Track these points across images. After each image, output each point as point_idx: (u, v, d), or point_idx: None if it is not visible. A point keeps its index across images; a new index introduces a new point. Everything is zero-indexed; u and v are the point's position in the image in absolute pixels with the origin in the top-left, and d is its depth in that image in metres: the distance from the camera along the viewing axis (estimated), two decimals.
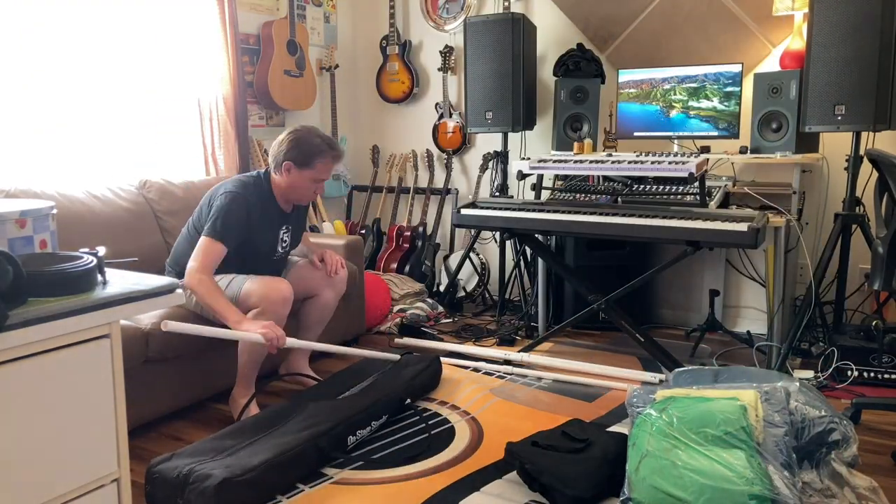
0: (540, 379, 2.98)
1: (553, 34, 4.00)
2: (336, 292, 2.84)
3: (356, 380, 2.63)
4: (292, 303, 2.55)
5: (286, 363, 2.91)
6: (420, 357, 2.88)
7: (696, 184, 2.92)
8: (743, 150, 3.29)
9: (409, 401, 2.60)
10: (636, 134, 3.57)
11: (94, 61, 3.12)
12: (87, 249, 1.45)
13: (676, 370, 2.39)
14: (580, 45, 3.79)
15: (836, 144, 3.32)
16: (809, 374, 2.89)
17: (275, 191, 2.62)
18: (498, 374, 3.04)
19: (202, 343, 2.59)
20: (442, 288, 4.16)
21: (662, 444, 1.85)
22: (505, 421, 2.54)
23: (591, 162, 2.97)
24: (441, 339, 3.51)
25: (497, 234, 4.23)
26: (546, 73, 4.02)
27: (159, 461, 1.99)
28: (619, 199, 3.09)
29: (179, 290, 1.49)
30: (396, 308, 3.82)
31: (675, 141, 3.50)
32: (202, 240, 2.45)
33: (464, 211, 3.14)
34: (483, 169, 4.20)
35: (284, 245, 2.72)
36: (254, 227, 2.54)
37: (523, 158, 3.12)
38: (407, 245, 4.36)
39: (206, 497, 1.86)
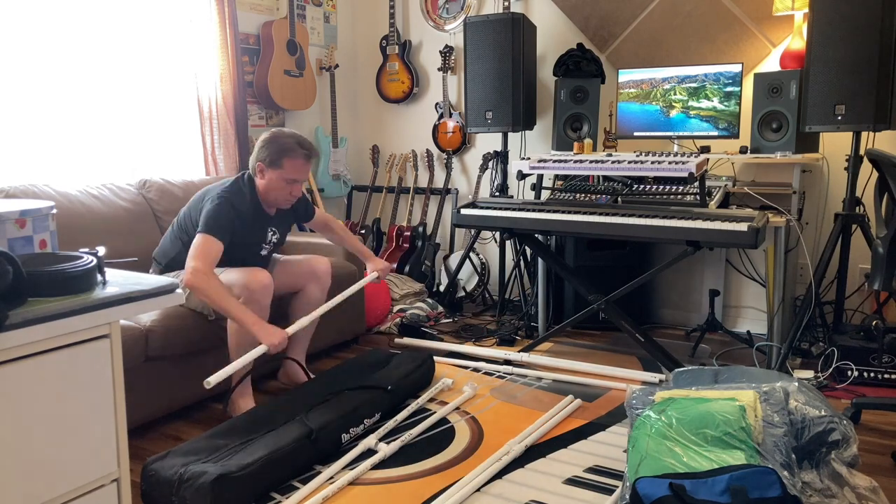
0: (540, 379, 2.98)
1: (553, 34, 4.00)
2: (321, 286, 2.84)
3: (348, 378, 2.63)
4: (279, 298, 2.55)
5: (284, 370, 2.91)
6: (413, 355, 2.89)
7: (696, 184, 2.92)
8: (743, 150, 3.29)
9: (389, 388, 2.58)
10: (636, 134, 3.57)
11: (94, 61, 3.12)
12: (87, 249, 1.45)
13: (676, 370, 2.40)
14: (580, 45, 3.79)
15: (836, 144, 3.32)
16: (809, 374, 2.89)
17: (259, 194, 2.63)
18: (498, 374, 3.04)
19: (202, 342, 2.60)
20: (442, 288, 4.16)
21: (662, 445, 1.85)
22: (505, 421, 2.54)
23: (591, 162, 2.97)
24: (441, 339, 3.51)
25: (497, 234, 4.23)
26: (546, 73, 4.02)
27: (154, 459, 2.00)
28: (619, 199, 3.09)
29: (179, 290, 1.49)
30: (396, 308, 3.82)
31: (675, 141, 3.50)
32: (199, 237, 2.44)
33: (464, 211, 3.14)
34: (483, 169, 4.20)
35: (269, 244, 2.73)
36: (239, 230, 2.55)
37: (523, 158, 3.12)
38: (407, 245, 4.36)
39: (202, 493, 1.86)
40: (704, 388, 2.12)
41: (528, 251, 3.89)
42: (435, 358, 3.04)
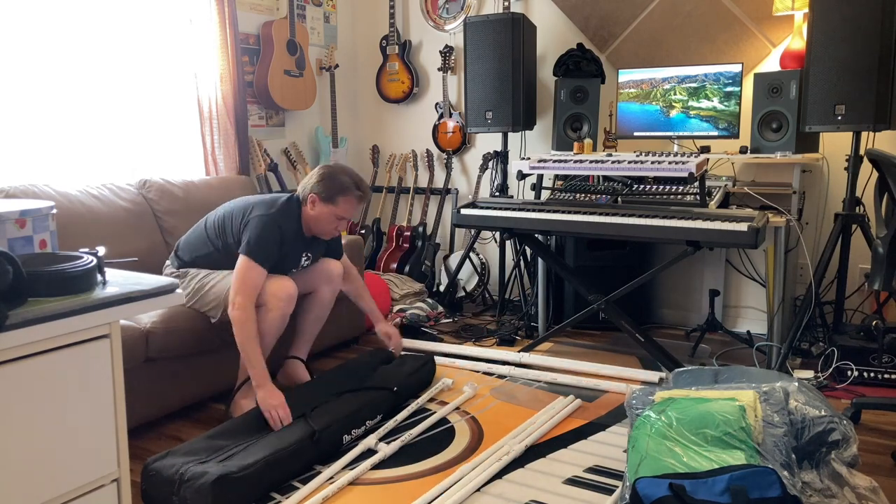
0: (540, 379, 2.98)
1: (553, 34, 4.00)
2: (332, 289, 2.85)
3: (350, 378, 2.63)
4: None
5: (284, 370, 2.91)
6: (414, 355, 2.89)
7: (696, 184, 2.92)
8: (743, 150, 3.29)
9: (395, 388, 2.59)
10: (636, 134, 3.57)
11: (94, 61, 3.12)
12: (87, 249, 1.45)
13: (676, 370, 2.40)
14: (580, 45, 3.79)
15: (836, 144, 3.32)
16: (809, 374, 2.89)
17: (302, 218, 2.63)
18: (498, 374, 3.04)
19: (202, 343, 2.60)
20: (442, 288, 4.16)
21: (662, 445, 1.85)
22: (505, 421, 2.54)
23: (591, 162, 2.97)
24: (441, 340, 3.51)
25: (497, 234, 4.23)
26: (546, 73, 4.02)
27: (155, 459, 2.00)
28: (619, 199, 3.09)
29: (179, 290, 1.49)
30: (396, 308, 3.82)
31: (675, 141, 3.50)
32: (243, 261, 2.44)
33: (464, 211, 3.14)
34: (483, 169, 4.20)
35: (299, 268, 2.74)
36: (281, 253, 2.56)
37: (523, 158, 3.12)
38: (407, 245, 4.36)
39: (202, 494, 1.86)
40: (704, 388, 2.12)
41: (528, 251, 3.89)
42: (435, 358, 3.04)
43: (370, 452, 2.28)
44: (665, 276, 3.82)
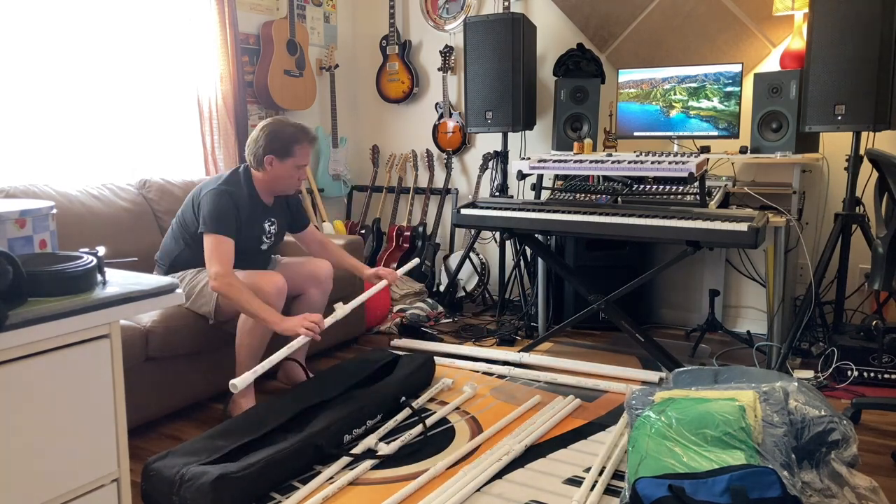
0: (540, 379, 2.98)
1: (553, 34, 4.00)
2: (322, 290, 2.84)
3: (350, 378, 2.63)
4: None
5: (283, 370, 2.90)
6: (414, 356, 2.89)
7: (696, 184, 2.92)
8: (743, 150, 3.29)
9: (403, 398, 2.60)
10: (636, 134, 3.57)
11: (94, 61, 3.12)
12: (86, 249, 1.45)
13: (676, 370, 2.40)
14: (580, 45, 3.79)
15: (836, 144, 3.32)
16: (809, 374, 2.89)
17: (256, 185, 2.67)
18: (498, 374, 3.04)
19: (202, 342, 2.60)
20: (442, 288, 4.16)
21: (662, 446, 1.85)
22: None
23: (591, 162, 2.97)
24: (441, 340, 3.51)
25: (497, 234, 4.23)
26: (546, 73, 4.02)
27: (155, 459, 2.00)
28: (619, 199, 3.09)
29: (179, 290, 1.49)
30: (396, 308, 3.82)
31: (675, 141, 3.50)
32: (208, 239, 2.47)
33: (464, 211, 3.14)
34: (483, 169, 4.20)
35: (269, 238, 2.76)
36: (241, 221, 2.58)
37: (523, 158, 3.12)
38: (407, 245, 4.36)
39: (202, 493, 1.86)
40: (704, 388, 2.12)
41: (528, 251, 3.89)
42: (435, 358, 3.04)
43: (370, 452, 2.28)
44: (665, 276, 3.82)
